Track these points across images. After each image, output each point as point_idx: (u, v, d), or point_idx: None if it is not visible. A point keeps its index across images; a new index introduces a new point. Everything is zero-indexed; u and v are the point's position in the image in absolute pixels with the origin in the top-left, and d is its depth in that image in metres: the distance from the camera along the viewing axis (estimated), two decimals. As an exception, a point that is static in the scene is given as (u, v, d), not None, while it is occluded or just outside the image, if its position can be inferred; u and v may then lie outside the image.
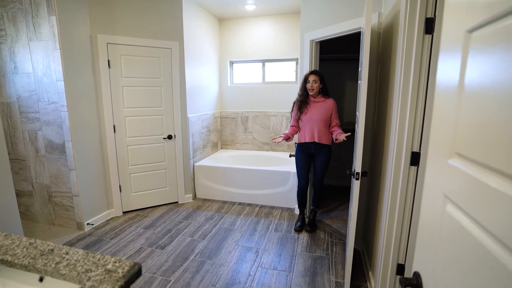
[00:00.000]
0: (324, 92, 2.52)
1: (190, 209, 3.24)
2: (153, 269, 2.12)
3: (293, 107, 2.62)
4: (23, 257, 0.79)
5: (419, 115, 1.30)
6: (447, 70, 0.66)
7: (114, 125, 2.91)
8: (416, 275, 0.74)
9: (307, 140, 2.53)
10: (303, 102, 2.51)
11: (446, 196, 0.62)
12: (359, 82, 1.91)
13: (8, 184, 1.65)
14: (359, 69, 1.95)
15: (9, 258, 0.78)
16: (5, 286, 0.78)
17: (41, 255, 0.80)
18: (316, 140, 2.50)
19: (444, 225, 0.62)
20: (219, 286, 1.94)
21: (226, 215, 3.10)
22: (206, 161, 3.65)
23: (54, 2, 2.31)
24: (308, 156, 2.62)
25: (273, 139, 2.43)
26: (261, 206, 3.33)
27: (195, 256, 2.30)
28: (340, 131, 2.45)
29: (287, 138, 2.49)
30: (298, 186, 2.73)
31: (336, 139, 2.31)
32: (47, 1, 2.32)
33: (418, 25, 1.24)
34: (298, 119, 2.55)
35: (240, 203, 3.42)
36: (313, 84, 2.44)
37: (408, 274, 1.44)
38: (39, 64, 2.48)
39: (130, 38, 2.86)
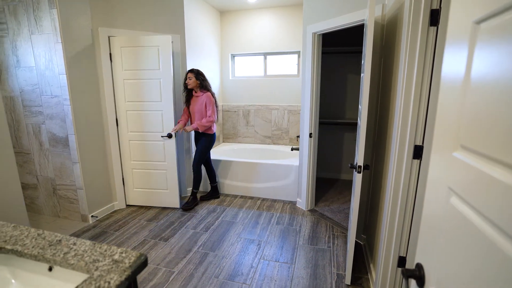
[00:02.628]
0: (203, 87, 2.91)
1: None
2: (157, 261, 2.15)
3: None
4: (32, 247, 0.81)
5: (423, 109, 1.30)
6: (453, 62, 0.65)
7: (116, 119, 2.91)
8: (419, 266, 0.75)
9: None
10: (188, 96, 2.97)
11: (450, 188, 0.63)
12: (362, 75, 1.90)
13: (14, 177, 1.67)
14: (362, 62, 1.94)
15: (19, 248, 0.80)
16: (16, 275, 0.80)
17: (50, 246, 0.82)
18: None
19: (448, 217, 0.63)
20: (222, 277, 1.97)
21: (228, 208, 3.13)
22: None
23: (55, -5, 2.30)
24: (196, 142, 3.12)
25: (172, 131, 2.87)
26: (263, 199, 3.35)
27: (198, 248, 2.33)
28: (196, 123, 2.88)
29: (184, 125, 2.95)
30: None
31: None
32: (48, -7, 2.31)
33: (423, 17, 1.23)
34: (188, 111, 3.01)
35: (242, 196, 3.44)
36: (189, 80, 2.86)
37: (410, 266, 1.46)
38: (41, 57, 2.48)
39: (131, 31, 2.85)
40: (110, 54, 2.78)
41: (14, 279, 0.80)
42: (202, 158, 3.03)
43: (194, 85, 2.88)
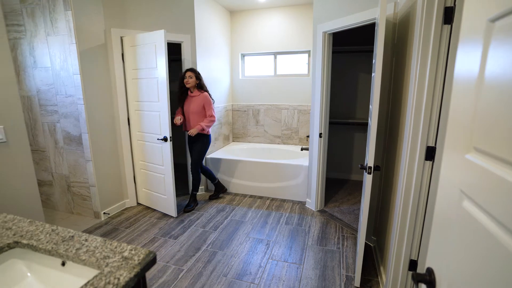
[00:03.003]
0: (201, 87, 2.88)
1: (202, 201, 3.30)
2: (167, 258, 2.18)
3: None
4: (47, 242, 0.83)
5: (435, 109, 1.27)
6: (466, 61, 0.63)
7: (128, 118, 2.97)
8: (429, 271, 0.73)
9: (186, 130, 2.93)
10: (182, 96, 2.90)
11: (463, 191, 0.61)
12: (373, 74, 1.87)
13: (31, 174, 1.73)
14: (373, 61, 1.90)
15: (34, 243, 0.83)
16: (31, 268, 0.83)
17: (63, 241, 0.84)
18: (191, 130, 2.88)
19: (460, 222, 0.61)
20: (230, 276, 1.99)
21: (237, 207, 3.14)
22: (218, 154, 3.69)
23: (70, -3, 2.36)
24: (191, 144, 3.03)
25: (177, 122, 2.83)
26: (272, 199, 3.35)
27: (207, 247, 2.35)
28: (200, 124, 2.83)
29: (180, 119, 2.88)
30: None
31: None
32: (64, -5, 2.37)
33: (436, 14, 1.20)
34: (182, 111, 2.92)
35: (251, 196, 3.45)
36: (189, 79, 2.81)
37: (421, 270, 1.43)
38: (57, 58, 2.55)
39: (143, 31, 2.89)
40: (123, 54, 2.83)
41: (30, 273, 0.82)
42: (201, 160, 3.01)
43: (193, 85, 2.84)
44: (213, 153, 3.71)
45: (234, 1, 3.63)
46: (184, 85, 2.86)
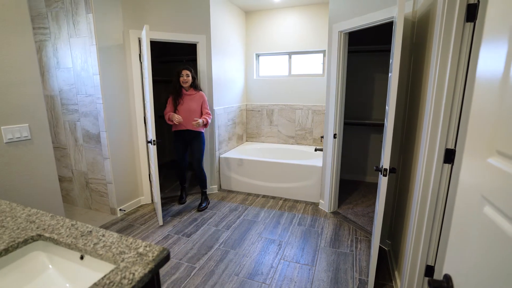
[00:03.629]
0: (196, 86, 2.91)
1: (215, 200, 3.33)
2: (179, 255, 2.22)
3: (167, 99, 2.91)
4: (67, 236, 0.87)
5: (456, 110, 1.22)
6: (490, 60, 0.61)
7: (144, 117, 3.04)
8: (447, 277, 0.71)
9: (182, 128, 2.86)
10: (177, 95, 2.83)
11: (484, 197, 0.59)
12: (389, 74, 1.83)
13: (52, 170, 1.80)
14: (390, 60, 1.86)
15: (55, 237, 0.86)
16: (52, 261, 0.86)
17: (82, 236, 0.87)
18: (191, 128, 2.86)
19: (480, 228, 0.59)
20: (242, 275, 1.99)
21: (250, 207, 3.15)
22: (231, 153, 3.71)
23: (92, 1, 2.44)
24: (185, 142, 2.96)
25: (172, 121, 2.78)
26: (285, 200, 3.34)
27: (219, 245, 2.37)
28: (204, 117, 2.84)
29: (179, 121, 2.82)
30: (178, 165, 3.10)
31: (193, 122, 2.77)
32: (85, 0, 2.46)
33: (458, 12, 1.16)
34: (175, 110, 2.83)
35: (264, 196, 3.45)
36: (186, 78, 2.79)
37: (438, 276, 1.38)
38: (78, 59, 2.65)
39: (159, 32, 2.95)
40: (140, 55, 2.90)
41: (51, 264, 0.86)
42: (203, 157, 3.04)
43: (190, 83, 2.84)
44: (226, 153, 3.74)
45: (250, 1, 3.64)
46: (179, 83, 2.83)
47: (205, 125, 2.89)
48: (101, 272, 0.80)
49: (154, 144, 2.53)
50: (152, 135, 2.51)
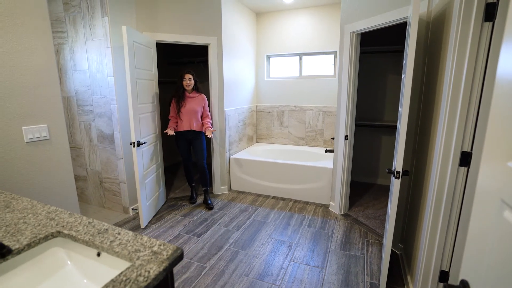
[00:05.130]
0: (198, 88, 3.02)
1: (225, 200, 3.35)
2: (190, 255, 2.24)
3: (171, 101, 3.02)
4: (84, 233, 0.90)
5: (472, 112, 1.19)
6: (511, 61, 0.60)
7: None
8: (464, 283, 0.69)
9: (185, 128, 2.97)
10: (180, 97, 2.94)
11: (504, 201, 0.57)
12: (403, 76, 1.80)
13: (69, 169, 1.86)
14: (404, 62, 1.83)
15: (74, 234, 0.89)
16: (70, 257, 0.89)
17: (98, 233, 0.90)
18: (194, 129, 2.98)
19: (500, 233, 0.58)
20: (252, 276, 2.00)
21: (260, 208, 3.15)
22: (242, 154, 3.73)
23: (107, 5, 2.51)
24: (187, 141, 3.07)
25: (165, 131, 2.93)
26: (295, 201, 3.33)
27: (229, 246, 2.38)
28: (209, 125, 3.01)
29: (175, 129, 2.99)
30: (184, 165, 3.22)
31: (205, 134, 2.98)
32: (101, 4, 2.52)
33: (476, 11, 1.13)
34: (178, 112, 2.94)
35: (274, 197, 3.45)
36: (189, 82, 2.90)
37: (453, 282, 1.35)
38: (93, 61, 2.72)
39: (172, 34, 3.00)
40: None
41: (70, 261, 0.89)
42: (205, 154, 3.11)
43: (192, 86, 2.95)
44: (237, 154, 3.76)
45: (260, 3, 3.66)
46: (182, 86, 2.93)
47: (209, 128, 3.02)
48: (117, 269, 0.82)
49: (134, 146, 2.48)
50: (132, 137, 2.47)
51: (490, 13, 1.11)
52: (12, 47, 1.50)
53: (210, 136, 2.98)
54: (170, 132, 2.90)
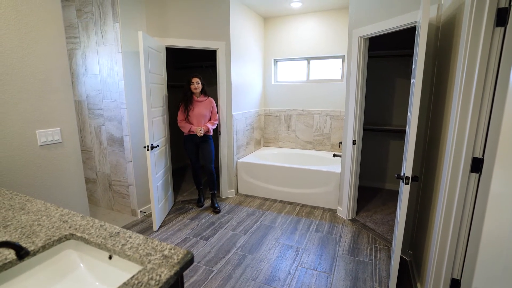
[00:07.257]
0: (205, 92, 3.05)
1: (232, 204, 3.35)
2: (198, 258, 2.25)
3: (179, 105, 3.03)
4: (96, 236, 0.91)
5: (484, 118, 1.18)
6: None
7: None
8: (476, 291, 0.69)
9: (193, 132, 2.98)
10: (188, 101, 2.97)
11: (517, 209, 0.57)
12: (412, 80, 1.79)
13: (80, 172, 1.90)
14: (413, 66, 1.82)
15: (86, 236, 0.91)
16: (83, 259, 0.91)
17: (110, 236, 0.91)
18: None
19: (513, 241, 0.57)
20: (259, 281, 2.00)
21: (267, 212, 3.15)
22: (249, 158, 3.74)
23: (119, 11, 2.57)
24: (195, 144, 3.08)
25: (196, 133, 2.95)
26: (302, 205, 3.31)
27: (236, 250, 2.38)
28: (208, 126, 3.00)
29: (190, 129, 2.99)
30: (192, 168, 3.25)
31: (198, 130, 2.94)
32: (113, 10, 2.58)
33: (487, 16, 1.12)
34: (187, 116, 2.98)
35: (281, 201, 3.44)
36: (197, 85, 2.93)
37: (465, 290, 1.32)
38: (104, 66, 2.77)
39: (181, 39, 3.05)
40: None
41: (82, 263, 0.91)
42: (213, 158, 3.14)
43: (199, 90, 2.98)
44: (244, 157, 3.77)
45: (268, 7, 3.69)
46: (190, 90, 2.96)
47: (208, 130, 3.02)
48: (128, 272, 0.83)
49: (148, 150, 2.50)
50: (146, 141, 2.49)
51: (501, 18, 1.10)
52: (28, 53, 1.55)
53: (198, 134, 2.91)
54: (199, 130, 2.90)
